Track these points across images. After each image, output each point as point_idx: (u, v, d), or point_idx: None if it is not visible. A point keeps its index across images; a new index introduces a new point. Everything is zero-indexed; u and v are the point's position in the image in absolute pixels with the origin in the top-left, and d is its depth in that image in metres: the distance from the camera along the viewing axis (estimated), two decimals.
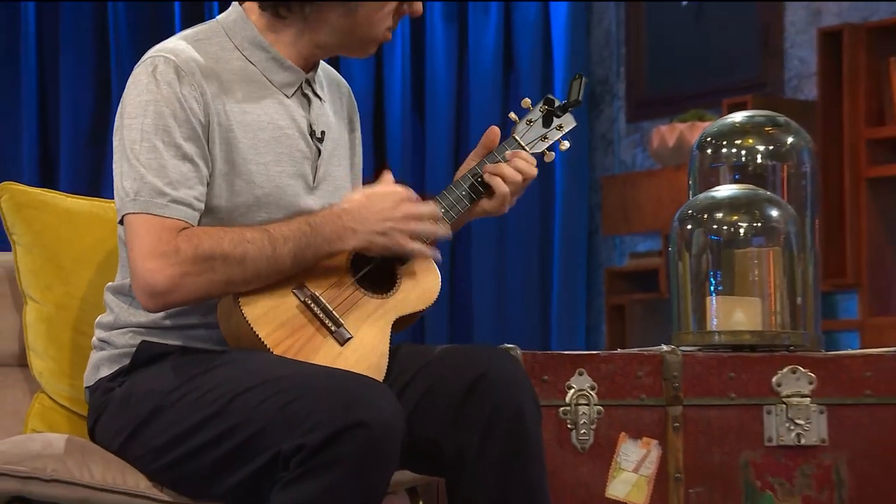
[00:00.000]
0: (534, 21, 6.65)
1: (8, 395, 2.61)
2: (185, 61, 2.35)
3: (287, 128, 2.43)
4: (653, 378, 2.67)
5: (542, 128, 2.59)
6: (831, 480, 2.67)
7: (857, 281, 5.70)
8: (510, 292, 6.69)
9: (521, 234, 6.69)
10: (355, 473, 2.15)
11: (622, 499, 2.64)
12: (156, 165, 2.30)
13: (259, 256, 2.30)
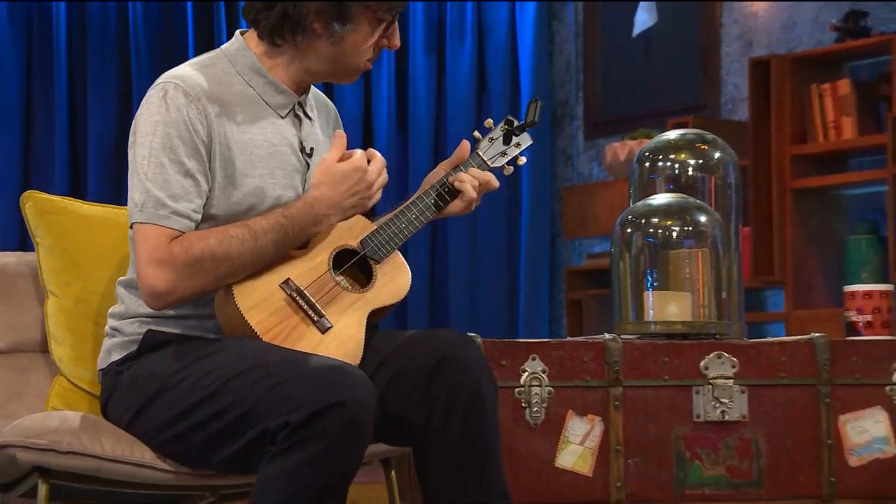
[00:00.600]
0: (503, 51, 6.64)
1: (31, 377, 2.59)
2: (192, 86, 2.34)
3: (280, 145, 2.41)
4: (597, 363, 2.67)
5: (502, 145, 2.58)
6: (751, 451, 2.68)
7: (782, 279, 5.69)
8: (482, 288, 6.67)
9: (491, 237, 6.68)
10: (334, 447, 2.14)
11: (569, 468, 2.64)
12: (161, 180, 2.29)
13: (243, 250, 2.29)
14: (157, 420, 2.30)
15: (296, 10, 2.34)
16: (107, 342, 2.43)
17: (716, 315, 2.80)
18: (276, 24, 2.37)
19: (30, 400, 2.55)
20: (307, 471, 2.14)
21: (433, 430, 2.30)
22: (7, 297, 2.63)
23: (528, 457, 2.62)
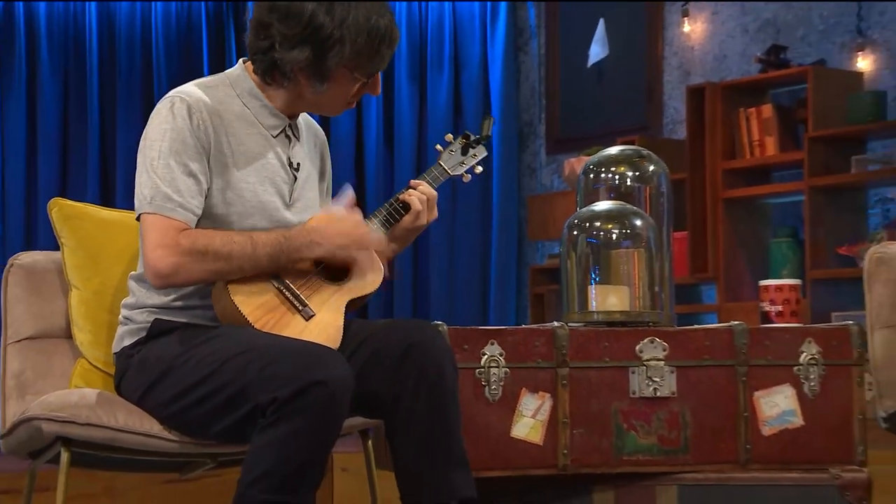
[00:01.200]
0: (476, 80, 6.63)
1: (57, 360, 2.58)
2: (196, 101, 2.35)
3: (271, 159, 2.41)
4: (547, 347, 2.65)
5: (460, 156, 2.59)
6: (679, 423, 2.67)
7: (715, 276, 5.70)
8: (458, 282, 6.66)
9: (467, 239, 6.67)
10: (315, 420, 2.15)
11: (523, 438, 2.62)
12: (168, 178, 2.30)
13: (242, 255, 2.30)
14: (163, 396, 2.30)
15: (283, 64, 2.34)
16: (120, 329, 2.43)
17: (649, 306, 2.79)
18: (267, 69, 2.37)
19: (55, 379, 2.55)
20: (293, 440, 2.15)
21: (402, 406, 2.31)
22: (36, 290, 2.62)
23: (487, 428, 2.61)
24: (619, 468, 2.65)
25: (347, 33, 2.30)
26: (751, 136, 5.69)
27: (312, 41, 2.31)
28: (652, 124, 6.26)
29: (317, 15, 2.29)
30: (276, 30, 2.32)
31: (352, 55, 2.33)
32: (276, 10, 2.32)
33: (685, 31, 6.14)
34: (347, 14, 2.31)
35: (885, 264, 2.99)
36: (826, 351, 2.70)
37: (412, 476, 2.32)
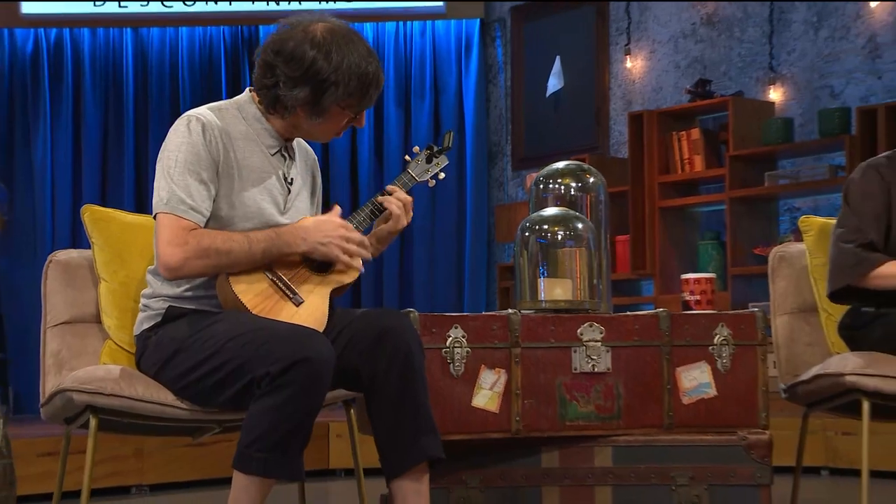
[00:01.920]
0: (453, 105, 6.62)
1: (89, 341, 2.58)
2: (209, 121, 2.34)
3: (269, 173, 2.40)
4: (502, 330, 2.63)
5: (426, 164, 2.58)
6: (613, 394, 2.65)
7: (652, 272, 5.70)
8: (438, 277, 6.64)
9: (444, 241, 6.65)
10: (302, 391, 2.15)
11: (482, 407, 2.60)
12: (183, 184, 2.29)
13: (240, 251, 2.29)
14: (176, 371, 2.30)
15: (285, 100, 2.33)
16: (140, 315, 2.42)
17: (589, 296, 2.78)
18: (270, 102, 2.37)
19: (87, 357, 2.55)
20: (283, 408, 2.15)
21: (378, 380, 2.31)
22: (71, 282, 2.62)
23: (452, 399, 2.59)
24: (563, 432, 2.64)
25: (342, 77, 2.30)
26: (682, 155, 5.70)
27: (312, 82, 2.30)
28: (600, 145, 6.26)
29: (316, 60, 2.29)
30: (281, 71, 2.31)
31: (345, 95, 2.33)
32: (281, 55, 2.31)
33: (627, 67, 6.15)
34: (342, 61, 2.30)
35: (785, 261, 3.00)
36: (735, 333, 2.68)
37: (388, 440, 2.32)
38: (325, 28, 2.33)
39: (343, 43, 2.32)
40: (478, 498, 2.61)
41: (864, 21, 5.29)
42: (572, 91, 6.42)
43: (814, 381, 2.70)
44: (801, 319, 2.94)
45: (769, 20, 5.61)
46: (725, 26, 5.79)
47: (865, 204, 2.69)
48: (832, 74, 5.41)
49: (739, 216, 5.43)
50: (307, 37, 2.31)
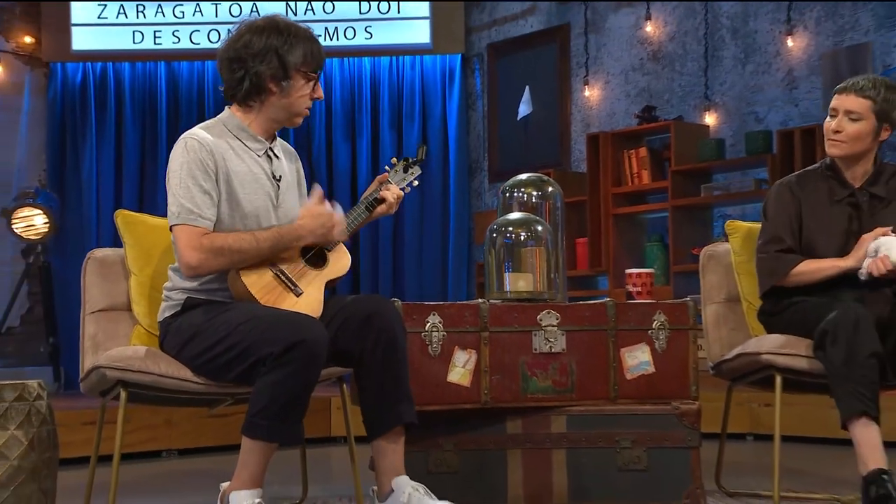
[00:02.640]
0: (438, 129, 6.58)
1: (120, 326, 2.58)
2: (202, 139, 2.33)
3: (260, 174, 2.38)
4: (473, 317, 2.64)
5: (402, 173, 2.60)
6: (567, 371, 2.66)
7: (606, 269, 5.69)
8: (426, 272, 6.58)
9: (432, 241, 6.60)
10: (300, 368, 2.15)
11: (456, 382, 2.61)
12: (188, 197, 2.28)
13: (248, 249, 2.28)
14: (193, 352, 2.29)
15: (257, 79, 2.32)
16: (163, 304, 2.41)
17: (547, 287, 2.78)
18: (245, 93, 2.35)
19: (119, 340, 2.54)
20: (284, 383, 2.14)
21: (365, 357, 2.31)
22: (106, 276, 2.62)
23: (430, 375, 2.59)
24: (524, 403, 2.64)
25: (296, 41, 2.33)
26: (631, 170, 5.70)
27: (273, 52, 2.31)
28: (562, 161, 6.25)
29: (270, 35, 2.33)
30: (245, 56, 2.32)
31: (302, 55, 2.34)
32: (242, 46, 2.33)
33: (586, 96, 6.15)
34: (290, 29, 2.34)
35: (714, 259, 3.01)
36: (671, 319, 2.69)
37: (372, 408, 2.31)
38: (264, 18, 2.38)
39: (283, 21, 2.36)
40: (452, 460, 2.62)
41: (782, 58, 5.31)
42: (539, 115, 6.41)
43: (736, 359, 2.71)
44: (726, 308, 2.94)
45: (704, 56, 5.62)
46: (668, 61, 5.80)
47: (779, 216, 2.69)
48: (757, 102, 5.43)
49: (680, 222, 5.43)
50: (249, 27, 2.35)
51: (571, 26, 6.24)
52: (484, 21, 6.65)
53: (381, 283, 6.52)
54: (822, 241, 2.65)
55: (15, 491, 2.10)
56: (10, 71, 6.43)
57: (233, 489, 2.20)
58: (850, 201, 2.66)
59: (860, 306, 2.45)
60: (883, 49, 4.96)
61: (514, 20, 6.52)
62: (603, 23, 6.10)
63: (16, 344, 6.36)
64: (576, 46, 6.21)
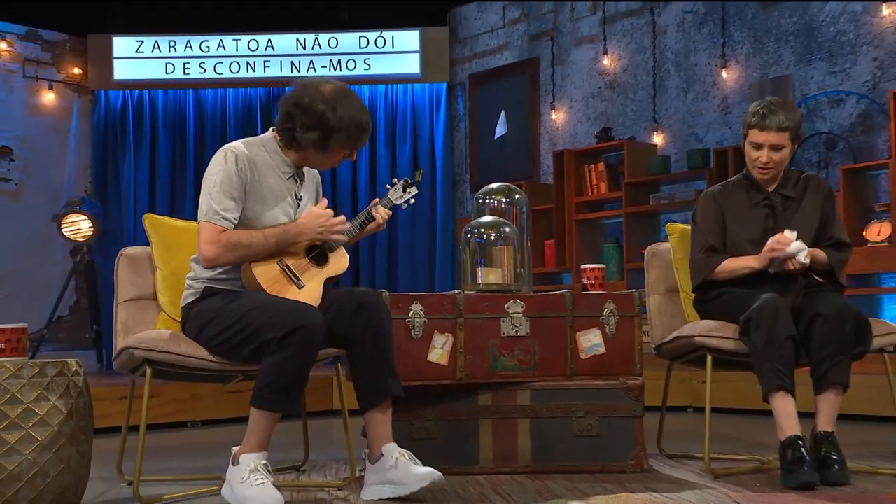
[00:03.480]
0: (427, 147, 6.60)
1: (147, 313, 2.56)
2: (240, 153, 2.31)
3: (284, 192, 2.37)
4: (451, 305, 2.64)
5: (401, 192, 2.58)
6: (530, 351, 2.66)
7: (570, 267, 5.70)
8: (417, 267, 6.56)
9: (422, 242, 6.59)
10: (300, 350, 2.14)
11: (435, 361, 2.61)
12: (218, 200, 2.27)
13: (258, 244, 2.27)
14: (210, 334, 2.28)
15: (300, 140, 2.31)
16: (185, 292, 2.40)
17: (514, 280, 2.78)
18: (288, 141, 2.34)
19: (146, 325, 2.53)
20: (286, 362, 2.14)
21: (357, 340, 2.30)
22: (136, 270, 2.60)
23: (412, 355, 2.59)
24: (494, 379, 2.64)
25: (344, 126, 2.29)
26: (591, 182, 5.71)
27: (321, 129, 2.29)
28: (533, 174, 6.26)
29: (325, 113, 2.28)
30: (298, 119, 2.29)
31: (345, 139, 2.31)
32: (299, 107, 2.29)
33: (552, 118, 6.16)
34: (344, 114, 2.29)
35: (656, 257, 3.01)
36: (619, 307, 2.69)
37: (363, 383, 2.31)
38: (331, 88, 2.31)
39: (344, 100, 2.30)
40: (432, 428, 2.62)
41: (718, 87, 5.33)
42: (513, 135, 6.42)
43: (674, 341, 2.71)
44: (667, 298, 2.95)
45: (653, 86, 5.63)
46: (622, 90, 5.81)
47: (706, 222, 2.70)
48: (697, 125, 5.44)
49: (632, 226, 5.44)
50: (318, 94, 2.29)
51: (540, 60, 6.24)
52: (465, 55, 6.65)
53: (378, 277, 6.52)
54: (745, 238, 2.66)
55: (56, 452, 2.10)
56: (61, 98, 6.45)
57: (242, 452, 2.19)
58: (766, 203, 2.67)
59: (779, 296, 2.46)
60: (801, 81, 4.98)
61: (492, 54, 6.53)
62: (567, 57, 6.11)
63: (65, 331, 6.35)
64: (544, 77, 6.22)
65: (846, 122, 4.81)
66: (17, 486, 2.05)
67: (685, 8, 5.51)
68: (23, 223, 6.26)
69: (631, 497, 2.21)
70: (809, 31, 4.97)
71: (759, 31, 5.17)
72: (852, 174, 4.58)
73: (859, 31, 4.79)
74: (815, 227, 2.63)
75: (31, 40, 6.39)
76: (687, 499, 2.17)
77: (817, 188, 2.67)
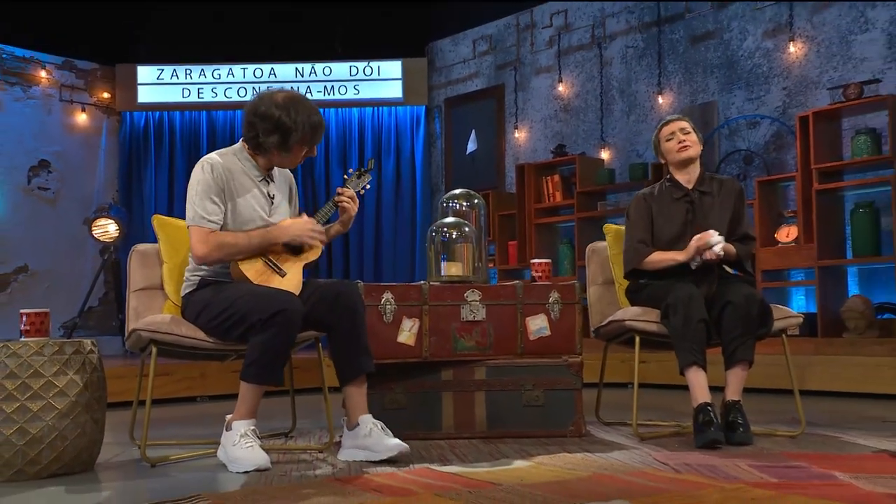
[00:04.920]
0: (408, 160, 6.59)
1: (155, 301, 2.53)
2: (216, 163, 2.28)
3: (257, 193, 2.33)
4: (417, 294, 2.63)
5: (357, 180, 2.48)
6: (486, 334, 2.65)
7: (529, 264, 5.69)
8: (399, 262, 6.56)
9: (404, 243, 6.59)
10: (281, 330, 2.12)
11: (403, 342, 2.60)
12: (202, 206, 2.24)
13: (243, 244, 2.25)
14: (205, 319, 2.26)
15: (264, 144, 2.28)
16: (184, 284, 2.38)
17: (473, 272, 2.77)
18: (254, 147, 2.31)
19: (154, 311, 2.50)
20: (269, 341, 2.12)
21: (335, 324, 2.28)
22: (145, 263, 2.57)
23: (384, 337, 2.59)
24: (455, 358, 2.64)
25: (299, 126, 2.26)
26: (548, 191, 5.73)
27: (280, 131, 2.27)
28: (499, 184, 6.27)
29: (281, 117, 2.26)
30: (259, 126, 2.27)
31: (301, 137, 2.29)
32: (257, 115, 2.27)
33: (516, 136, 6.18)
34: (298, 115, 2.26)
35: (595, 253, 3.02)
36: (563, 296, 2.70)
37: (341, 361, 2.29)
38: (283, 95, 2.29)
39: (297, 104, 2.27)
40: (401, 399, 2.61)
41: (655, 110, 5.37)
42: (482, 151, 6.43)
43: (608, 325, 2.72)
44: (604, 288, 2.95)
45: (600, 109, 5.66)
46: (575, 113, 5.84)
47: (638, 218, 2.72)
48: (637, 143, 5.48)
49: (583, 229, 5.46)
50: (273, 102, 2.26)
51: (505, 86, 6.26)
52: (441, 81, 6.66)
53: (366, 271, 6.50)
54: (668, 230, 2.68)
55: (73, 419, 2.09)
56: (92, 118, 6.41)
57: (234, 419, 2.19)
58: (686, 199, 2.69)
59: (693, 286, 2.48)
60: (724, 106, 5.03)
61: (464, 81, 6.54)
62: (528, 84, 6.13)
63: (95, 319, 6.31)
64: (508, 101, 6.24)
65: (761, 141, 4.86)
66: (39, 448, 2.05)
67: (627, 43, 5.55)
68: (59, 226, 6.24)
69: (567, 456, 2.22)
70: (731, 64, 5.02)
71: (689, 64, 5.22)
72: (766, 185, 4.62)
73: (771, 64, 4.84)
74: (728, 222, 2.66)
75: (66, 69, 6.36)
76: (615, 458, 2.19)
77: (730, 188, 2.70)
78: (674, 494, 1.66)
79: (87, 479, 2.03)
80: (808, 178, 4.40)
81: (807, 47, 4.70)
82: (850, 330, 4.14)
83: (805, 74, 4.72)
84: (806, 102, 4.70)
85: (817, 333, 4.21)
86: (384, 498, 1.70)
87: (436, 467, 2.06)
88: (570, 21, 5.85)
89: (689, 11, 5.22)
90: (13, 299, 6.07)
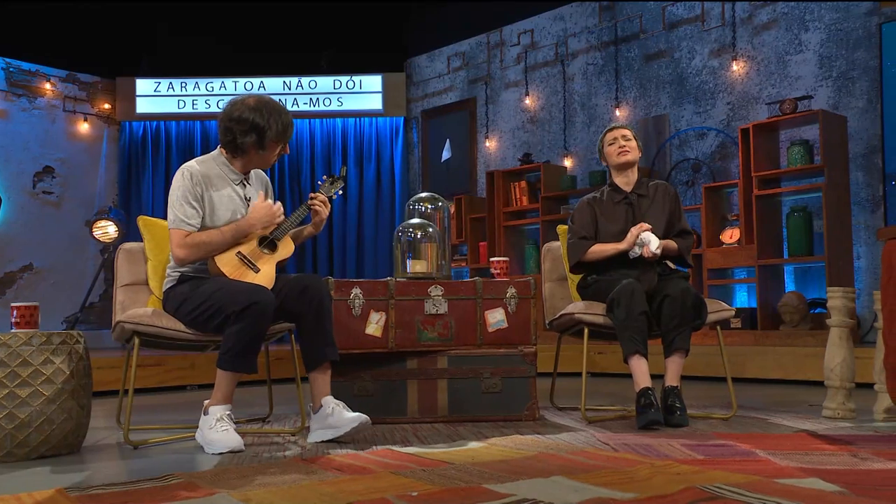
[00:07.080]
0: (388, 167, 6.58)
1: (140, 295, 2.51)
2: (195, 170, 2.27)
3: (234, 196, 2.32)
4: (384, 289, 2.62)
5: (329, 186, 2.48)
6: (448, 326, 2.65)
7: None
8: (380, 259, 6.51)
9: (383, 242, 6.55)
10: (254, 322, 2.11)
11: (371, 333, 2.59)
12: (181, 210, 2.23)
13: (217, 240, 2.24)
14: (184, 311, 2.24)
15: (242, 145, 2.28)
16: (165, 280, 2.36)
17: (436, 270, 2.77)
18: (231, 149, 2.31)
19: (139, 304, 2.48)
20: (243, 331, 2.11)
21: (302, 315, 2.26)
22: (131, 260, 2.55)
23: (353, 329, 2.58)
24: (419, 348, 2.64)
25: (272, 124, 2.26)
26: (516, 196, 5.73)
27: (255, 131, 2.26)
28: (471, 189, 6.27)
29: (255, 118, 2.26)
30: (235, 129, 2.27)
31: (275, 135, 2.28)
32: (232, 119, 2.27)
33: (487, 146, 6.18)
34: (269, 115, 2.26)
35: (550, 252, 3.04)
36: (519, 291, 2.70)
37: (308, 350, 2.28)
38: (254, 99, 2.29)
39: (267, 105, 2.27)
40: (369, 387, 2.61)
41: (613, 122, 5.40)
42: (456, 159, 6.43)
43: (561, 318, 2.73)
44: (557, 284, 2.98)
45: (563, 121, 5.69)
46: (540, 124, 5.86)
47: (581, 219, 2.75)
48: (597, 152, 5.50)
49: (547, 231, 5.45)
50: (245, 106, 2.27)
51: (477, 99, 6.27)
52: (418, 94, 6.66)
53: (348, 268, 6.48)
54: (610, 229, 2.71)
55: (60, 404, 2.08)
56: (93, 127, 6.36)
57: (211, 404, 2.18)
58: (626, 201, 2.72)
59: (635, 281, 2.51)
60: (675, 118, 5.08)
61: (439, 94, 6.55)
62: (497, 97, 6.15)
63: (96, 314, 6.25)
64: (480, 113, 6.25)
65: (708, 150, 4.92)
66: (27, 431, 2.03)
67: (588, 61, 5.59)
68: (62, 227, 6.18)
69: (519, 438, 2.24)
70: (681, 80, 5.07)
71: (644, 80, 5.26)
72: (712, 191, 4.68)
73: (717, 81, 4.91)
74: (665, 221, 2.69)
75: (70, 81, 6.31)
76: (563, 439, 2.21)
77: (665, 191, 2.74)
78: (608, 470, 1.68)
79: (73, 461, 2.02)
80: (750, 185, 4.45)
81: (748, 66, 4.77)
82: (786, 323, 4.20)
83: (746, 91, 4.78)
84: (747, 116, 4.76)
85: (757, 326, 4.26)
86: (344, 475, 1.70)
87: (397, 448, 2.07)
88: (536, 40, 5.88)
89: (644, 32, 5.27)
90: (19, 295, 6.03)
